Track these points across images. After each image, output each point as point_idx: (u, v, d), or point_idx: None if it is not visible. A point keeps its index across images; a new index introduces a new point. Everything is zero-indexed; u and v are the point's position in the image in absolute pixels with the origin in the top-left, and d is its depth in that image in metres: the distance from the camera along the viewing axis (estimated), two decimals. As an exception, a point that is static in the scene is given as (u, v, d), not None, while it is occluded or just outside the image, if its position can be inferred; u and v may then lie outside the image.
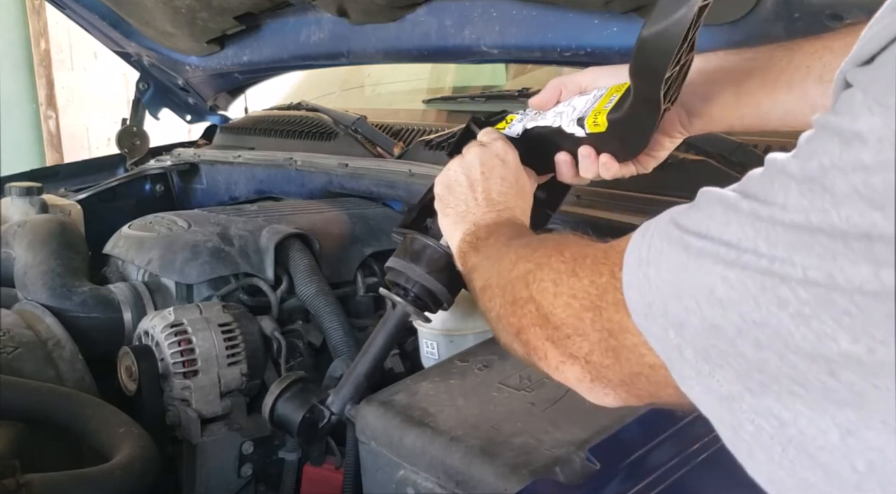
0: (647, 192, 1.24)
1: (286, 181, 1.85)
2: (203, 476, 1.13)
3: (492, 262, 0.72)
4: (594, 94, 0.84)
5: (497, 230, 0.79)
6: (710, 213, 0.44)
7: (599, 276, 0.53)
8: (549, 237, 0.71)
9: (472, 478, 0.76)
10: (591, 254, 0.56)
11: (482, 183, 0.84)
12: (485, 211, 0.82)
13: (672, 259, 0.45)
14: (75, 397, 1.04)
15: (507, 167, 0.86)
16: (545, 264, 0.61)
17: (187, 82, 2.08)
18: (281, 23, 1.72)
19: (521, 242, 0.71)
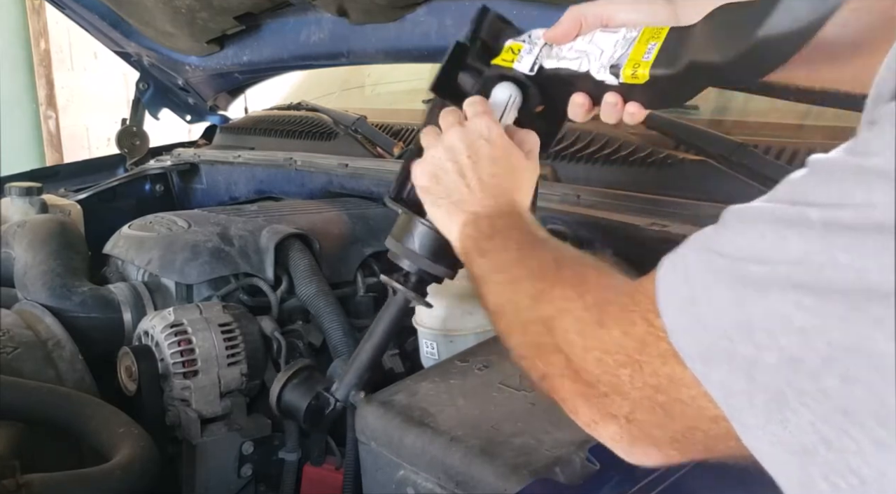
0: (648, 192, 1.24)
1: (286, 181, 1.85)
2: (203, 476, 1.13)
3: (504, 286, 0.66)
4: (623, 35, 0.74)
5: (500, 226, 0.73)
6: (758, 233, 0.39)
7: (632, 326, 0.47)
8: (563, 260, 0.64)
9: (472, 478, 0.76)
10: (615, 301, 0.51)
11: (471, 168, 0.76)
12: (480, 198, 0.75)
13: (726, 293, 0.40)
14: (75, 397, 1.03)
15: (495, 146, 0.77)
16: (567, 312, 0.55)
17: (187, 82, 2.08)
18: (281, 23, 1.72)
19: (534, 263, 0.65)
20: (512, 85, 0.83)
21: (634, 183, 1.27)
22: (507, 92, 0.83)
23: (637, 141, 1.33)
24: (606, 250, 1.20)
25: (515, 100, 0.83)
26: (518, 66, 0.81)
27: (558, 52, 0.79)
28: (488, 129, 0.77)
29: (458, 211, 0.77)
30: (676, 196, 1.21)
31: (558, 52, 0.79)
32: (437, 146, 0.79)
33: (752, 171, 1.16)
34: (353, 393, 0.93)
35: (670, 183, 1.24)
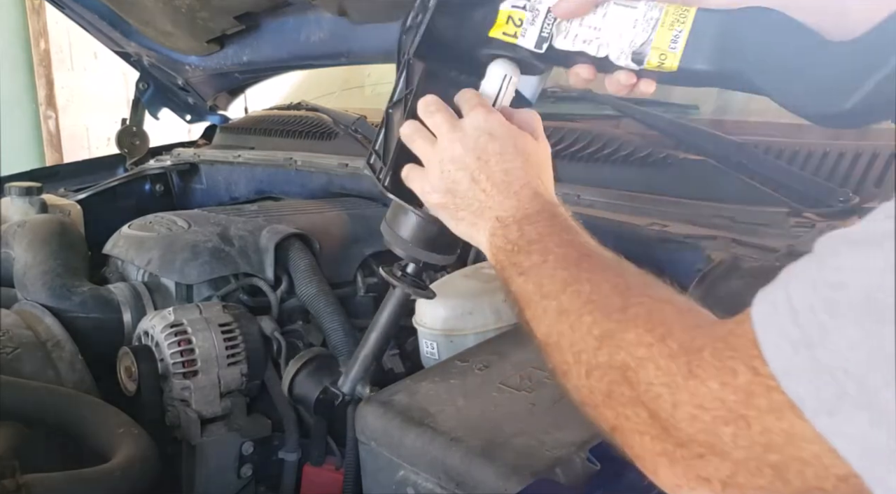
0: (648, 192, 1.24)
1: (286, 181, 1.85)
2: (203, 476, 1.13)
3: (556, 316, 0.58)
4: (644, 14, 0.68)
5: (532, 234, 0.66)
6: (878, 256, 0.35)
7: (733, 376, 0.41)
8: (625, 289, 0.56)
9: (472, 479, 0.76)
10: (707, 347, 0.44)
11: (481, 169, 0.70)
12: (500, 199, 0.69)
13: (852, 330, 0.35)
14: (75, 397, 1.03)
15: (498, 139, 0.71)
16: (647, 360, 0.48)
17: (187, 82, 2.08)
18: (281, 22, 1.72)
19: (591, 291, 0.57)
20: (507, 62, 0.76)
21: (634, 183, 1.27)
22: (501, 71, 0.76)
23: (637, 141, 1.33)
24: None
25: (512, 79, 0.76)
26: (523, 42, 0.73)
27: (567, 28, 0.71)
28: (486, 122, 0.72)
29: (480, 220, 0.71)
30: (676, 196, 1.21)
31: (567, 28, 0.71)
32: (438, 156, 0.73)
33: (752, 171, 1.16)
34: (360, 387, 0.93)
35: (670, 183, 1.24)
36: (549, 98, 1.56)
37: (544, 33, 0.71)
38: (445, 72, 0.77)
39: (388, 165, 0.79)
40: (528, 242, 0.65)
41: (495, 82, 0.76)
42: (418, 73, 0.76)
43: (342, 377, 0.94)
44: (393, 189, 0.79)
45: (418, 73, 0.76)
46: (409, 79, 0.77)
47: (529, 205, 0.68)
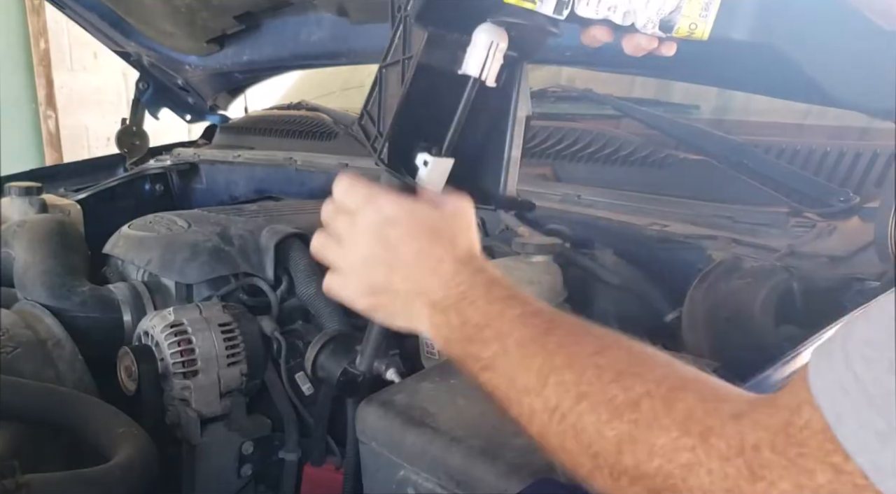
0: (648, 192, 1.24)
1: (286, 181, 1.85)
2: (203, 476, 1.13)
3: (546, 414, 0.52)
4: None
5: (475, 313, 0.60)
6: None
7: (809, 476, 0.37)
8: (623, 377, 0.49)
9: (472, 478, 0.76)
10: (764, 441, 0.39)
11: (394, 259, 0.65)
12: (423, 282, 0.64)
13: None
14: (75, 397, 1.03)
15: (397, 223, 0.66)
16: (696, 465, 0.42)
17: (187, 82, 2.08)
18: (281, 22, 1.72)
19: (576, 374, 0.51)
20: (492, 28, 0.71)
21: (634, 183, 1.27)
22: (486, 38, 0.70)
23: (637, 141, 1.33)
24: (606, 250, 1.20)
25: (499, 46, 0.71)
26: (541, 8, 0.66)
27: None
28: (379, 212, 0.67)
29: (414, 309, 0.65)
30: (676, 196, 1.21)
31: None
32: (348, 261, 0.70)
33: (752, 171, 1.16)
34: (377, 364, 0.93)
35: (670, 183, 1.24)
36: (549, 98, 1.56)
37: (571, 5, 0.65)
38: (450, 35, 0.72)
39: (384, 135, 0.74)
40: (475, 328, 0.59)
41: (481, 51, 0.71)
42: (419, 38, 0.70)
43: (358, 356, 0.94)
44: (390, 162, 0.73)
45: (419, 39, 0.70)
46: (406, 42, 0.72)
47: (455, 280, 0.62)
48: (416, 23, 0.70)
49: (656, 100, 1.46)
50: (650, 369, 0.49)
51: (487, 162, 0.78)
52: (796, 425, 0.38)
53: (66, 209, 1.63)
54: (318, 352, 0.96)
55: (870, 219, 0.97)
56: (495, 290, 0.61)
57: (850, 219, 1.03)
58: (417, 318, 0.65)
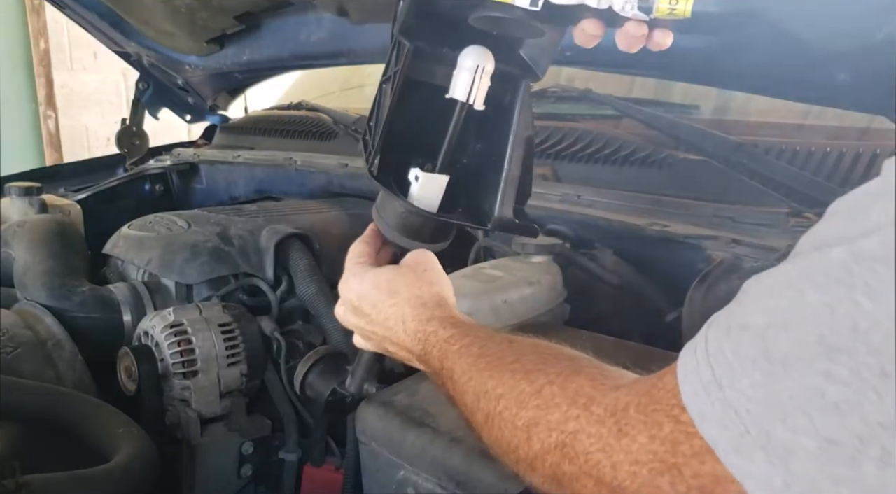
0: (648, 192, 1.24)
1: (286, 181, 1.85)
2: (203, 476, 1.13)
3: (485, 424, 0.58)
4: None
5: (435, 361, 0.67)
6: (778, 294, 0.36)
7: (658, 428, 0.42)
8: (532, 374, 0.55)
9: (472, 479, 0.76)
10: (632, 402, 0.45)
11: (372, 327, 0.76)
12: (394, 346, 0.74)
13: (752, 370, 0.36)
14: (75, 397, 1.03)
15: (364, 300, 0.76)
16: (579, 432, 0.48)
17: (187, 82, 2.08)
18: (281, 22, 1.72)
19: (496, 381, 0.57)
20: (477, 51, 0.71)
21: (634, 183, 1.27)
22: (471, 62, 0.71)
23: (637, 141, 1.33)
24: (606, 250, 1.20)
25: (485, 69, 0.71)
26: (518, 1, 0.64)
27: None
28: (349, 291, 0.78)
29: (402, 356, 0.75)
30: (676, 196, 1.21)
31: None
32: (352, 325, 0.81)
33: (752, 171, 1.16)
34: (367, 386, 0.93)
35: (670, 183, 1.24)
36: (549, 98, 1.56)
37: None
38: (434, 49, 0.73)
39: (375, 147, 0.74)
40: (437, 375, 0.67)
41: (467, 76, 0.72)
42: (405, 51, 0.72)
43: (349, 377, 0.94)
44: (378, 175, 0.75)
45: (405, 52, 0.72)
46: (398, 56, 0.73)
47: (415, 338, 0.70)
48: (401, 36, 0.71)
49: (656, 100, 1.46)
50: (554, 364, 0.55)
51: (487, 181, 0.78)
52: (657, 386, 0.44)
53: (66, 209, 1.63)
54: (308, 371, 0.96)
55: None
56: (440, 335, 0.68)
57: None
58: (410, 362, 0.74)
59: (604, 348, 0.98)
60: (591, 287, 1.19)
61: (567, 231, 1.25)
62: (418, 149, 0.77)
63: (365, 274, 0.78)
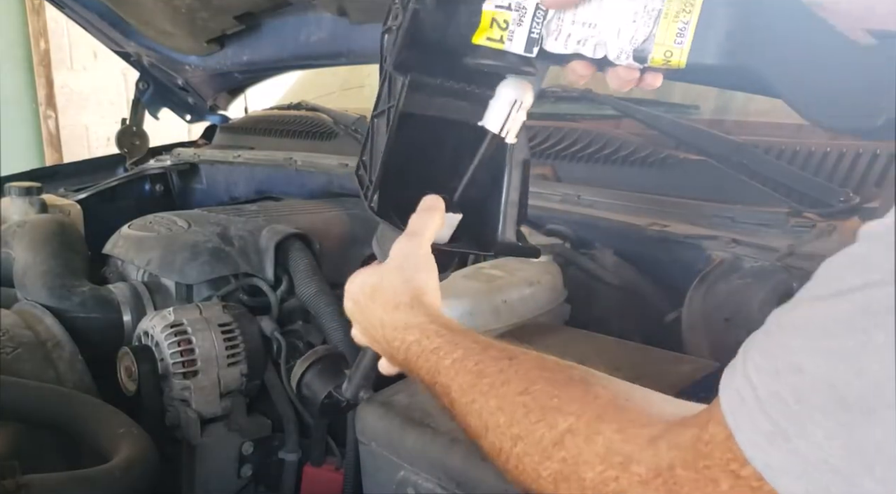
0: (648, 192, 1.24)
1: (286, 181, 1.85)
2: (203, 476, 1.13)
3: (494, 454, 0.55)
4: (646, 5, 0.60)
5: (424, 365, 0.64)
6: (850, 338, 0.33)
7: (715, 486, 0.39)
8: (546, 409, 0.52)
9: (472, 479, 0.76)
10: (677, 459, 0.42)
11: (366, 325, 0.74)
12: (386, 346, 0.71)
13: (823, 419, 0.34)
14: (75, 397, 1.03)
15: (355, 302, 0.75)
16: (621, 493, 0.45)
17: (187, 82, 2.08)
18: (281, 22, 1.72)
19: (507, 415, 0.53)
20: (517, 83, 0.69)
21: (634, 183, 1.27)
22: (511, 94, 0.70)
23: (637, 141, 1.33)
24: (606, 250, 1.20)
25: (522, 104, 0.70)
26: (511, 47, 0.63)
27: (559, 26, 0.62)
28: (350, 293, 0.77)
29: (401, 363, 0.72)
30: (676, 196, 1.21)
31: (559, 26, 0.62)
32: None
33: (752, 171, 1.16)
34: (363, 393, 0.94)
35: (670, 183, 1.24)
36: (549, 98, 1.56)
37: (534, 34, 0.63)
38: (430, 81, 0.71)
39: (374, 183, 0.73)
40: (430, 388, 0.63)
41: (504, 107, 0.70)
42: (400, 85, 0.69)
43: (346, 383, 0.95)
44: (380, 211, 0.74)
45: (400, 87, 0.69)
46: (391, 91, 0.71)
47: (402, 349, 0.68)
48: (395, 71, 0.69)
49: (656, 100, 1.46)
50: (571, 399, 0.51)
51: (487, 207, 0.77)
52: (703, 439, 0.40)
53: (66, 209, 1.63)
54: (306, 370, 0.96)
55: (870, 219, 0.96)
56: (429, 341, 0.64)
57: (850, 219, 1.03)
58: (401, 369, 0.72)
59: (604, 348, 0.98)
60: (592, 287, 1.19)
61: (567, 231, 1.25)
62: (417, 180, 0.75)
63: (358, 274, 0.77)
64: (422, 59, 0.69)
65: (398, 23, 0.67)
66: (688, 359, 0.93)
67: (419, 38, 0.66)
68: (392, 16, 0.69)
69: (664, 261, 1.15)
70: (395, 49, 0.67)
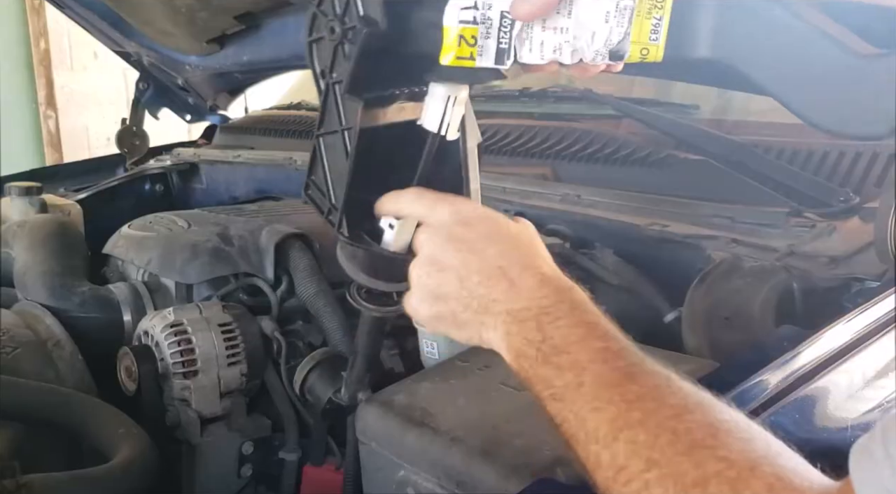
0: (648, 192, 1.24)
1: (286, 181, 1.85)
2: (203, 476, 1.13)
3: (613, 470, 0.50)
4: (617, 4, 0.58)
5: (556, 333, 0.56)
6: None
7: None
8: (696, 450, 0.47)
9: (472, 479, 0.76)
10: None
11: (467, 262, 0.61)
12: (501, 289, 0.59)
13: None
14: (75, 397, 1.03)
15: (473, 224, 0.62)
16: None
17: (187, 82, 2.08)
18: (281, 22, 1.72)
19: (649, 435, 0.48)
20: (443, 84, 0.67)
21: (634, 183, 1.27)
22: (442, 91, 0.67)
23: (637, 141, 1.33)
24: (606, 250, 1.20)
25: (457, 99, 0.67)
26: (482, 62, 0.60)
27: (528, 32, 0.59)
28: (455, 214, 0.63)
29: (488, 317, 0.60)
30: (676, 196, 1.21)
31: (528, 32, 0.59)
32: (416, 267, 0.65)
33: (752, 171, 1.16)
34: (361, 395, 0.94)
35: (670, 183, 1.24)
36: (549, 98, 1.56)
37: (503, 44, 0.59)
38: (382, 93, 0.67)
39: (339, 209, 0.69)
40: (553, 349, 0.55)
41: (438, 105, 0.67)
42: (356, 109, 0.66)
43: (343, 388, 0.95)
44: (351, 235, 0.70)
45: (356, 110, 0.65)
46: (342, 111, 0.67)
47: (539, 293, 0.58)
48: (349, 96, 0.66)
49: (656, 100, 1.46)
50: (726, 443, 0.47)
51: None
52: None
53: (66, 209, 1.63)
54: (307, 374, 0.96)
55: (870, 219, 0.97)
56: (580, 314, 0.57)
57: (850, 219, 1.03)
58: (489, 327, 0.60)
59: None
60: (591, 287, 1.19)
61: (567, 231, 1.25)
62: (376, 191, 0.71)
63: (473, 206, 0.64)
64: (373, 77, 0.64)
65: (335, 38, 0.64)
66: (688, 359, 0.93)
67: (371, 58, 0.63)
68: (320, 28, 0.65)
69: (664, 261, 1.15)
70: (348, 76, 0.63)
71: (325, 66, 0.67)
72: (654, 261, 1.16)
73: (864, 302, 0.85)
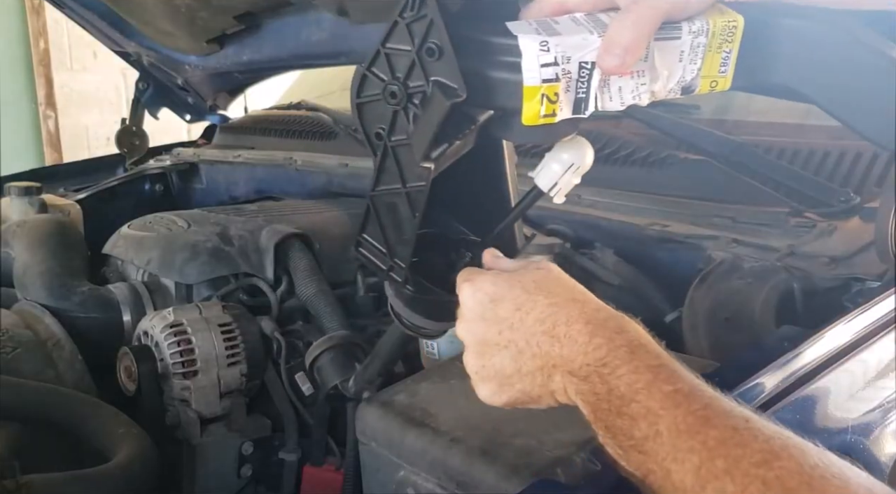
0: (648, 192, 1.24)
1: (286, 181, 1.85)
2: (202, 476, 1.13)
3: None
4: (691, 43, 0.57)
5: (620, 383, 0.53)
6: None
7: None
8: None
9: (472, 479, 0.76)
10: None
11: (513, 339, 0.60)
12: (555, 353, 0.58)
13: None
14: (75, 397, 1.03)
15: (501, 299, 0.61)
16: None
17: (187, 82, 2.08)
18: (281, 22, 1.72)
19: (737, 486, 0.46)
20: (579, 145, 0.64)
21: (634, 183, 1.27)
22: (569, 157, 0.65)
23: (637, 141, 1.33)
24: (606, 250, 1.20)
25: (578, 168, 0.66)
26: (562, 115, 0.57)
27: (606, 80, 0.57)
28: (477, 293, 0.62)
29: (555, 386, 0.59)
30: (676, 196, 1.21)
31: (606, 80, 0.57)
32: (469, 360, 0.64)
33: (753, 171, 1.16)
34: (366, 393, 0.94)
35: (670, 183, 1.24)
36: (549, 98, 1.56)
37: (580, 94, 0.57)
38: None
39: (406, 267, 0.67)
40: (621, 399, 0.53)
41: (557, 169, 0.66)
42: (427, 171, 0.62)
43: (353, 378, 0.95)
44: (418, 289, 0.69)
45: (428, 172, 0.62)
46: (413, 176, 0.64)
47: (590, 346, 0.56)
48: (422, 161, 0.61)
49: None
50: (817, 490, 0.44)
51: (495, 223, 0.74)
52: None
53: (66, 209, 1.63)
54: (321, 354, 0.96)
55: (870, 219, 0.97)
56: (641, 356, 0.54)
57: (851, 219, 1.03)
58: (561, 393, 0.58)
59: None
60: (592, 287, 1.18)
61: (567, 231, 1.25)
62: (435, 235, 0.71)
63: (493, 276, 0.63)
64: (441, 137, 0.60)
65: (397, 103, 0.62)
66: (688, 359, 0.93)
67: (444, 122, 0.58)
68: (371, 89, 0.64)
69: (664, 261, 1.14)
70: (426, 145, 0.59)
71: (382, 129, 0.65)
72: (654, 261, 1.16)
73: (865, 303, 0.85)
